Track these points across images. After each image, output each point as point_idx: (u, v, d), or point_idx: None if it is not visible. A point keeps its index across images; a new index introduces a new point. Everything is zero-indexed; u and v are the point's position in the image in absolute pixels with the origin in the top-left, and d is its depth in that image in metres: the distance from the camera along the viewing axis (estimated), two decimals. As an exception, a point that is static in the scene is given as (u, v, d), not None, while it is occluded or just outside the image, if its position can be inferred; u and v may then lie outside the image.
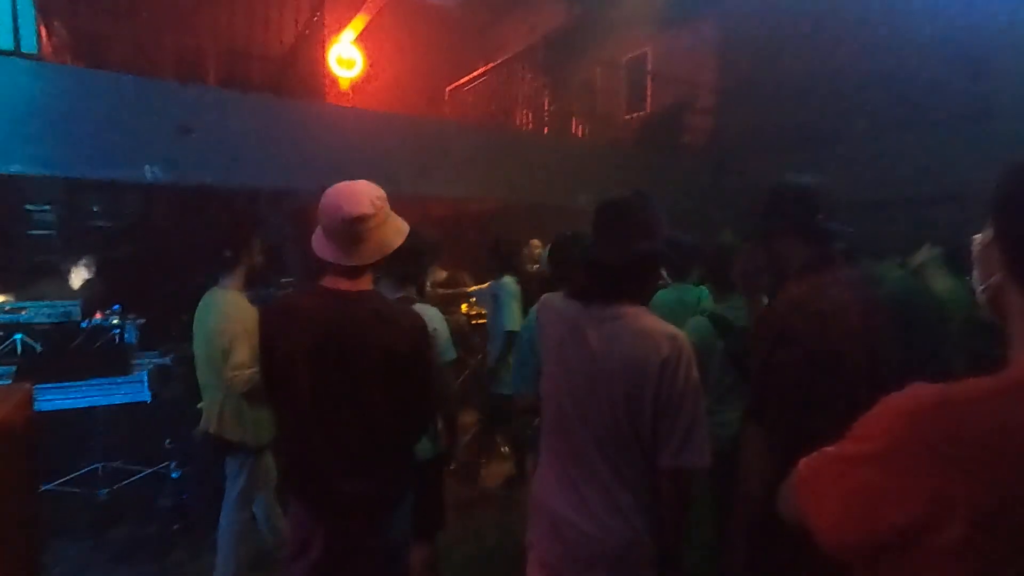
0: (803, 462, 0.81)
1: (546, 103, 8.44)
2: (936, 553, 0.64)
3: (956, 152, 5.28)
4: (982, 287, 0.76)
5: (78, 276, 4.92)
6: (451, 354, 2.34)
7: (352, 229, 1.54)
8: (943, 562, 0.64)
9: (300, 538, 1.67)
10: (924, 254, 3.15)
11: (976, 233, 0.77)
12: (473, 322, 5.13)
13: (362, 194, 1.56)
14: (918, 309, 2.69)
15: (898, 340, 1.60)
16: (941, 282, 3.03)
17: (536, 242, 5.92)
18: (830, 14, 6.67)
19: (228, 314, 2.45)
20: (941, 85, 5.64)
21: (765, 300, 1.98)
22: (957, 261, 3.05)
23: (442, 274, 5.50)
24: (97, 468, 3.71)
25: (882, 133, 6.09)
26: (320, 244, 1.60)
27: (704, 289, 3.03)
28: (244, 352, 2.37)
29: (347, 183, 1.59)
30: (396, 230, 1.64)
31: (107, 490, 3.63)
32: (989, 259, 0.74)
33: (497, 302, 3.77)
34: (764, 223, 1.65)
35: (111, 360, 3.67)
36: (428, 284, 3.80)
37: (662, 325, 1.40)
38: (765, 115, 7.23)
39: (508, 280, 3.81)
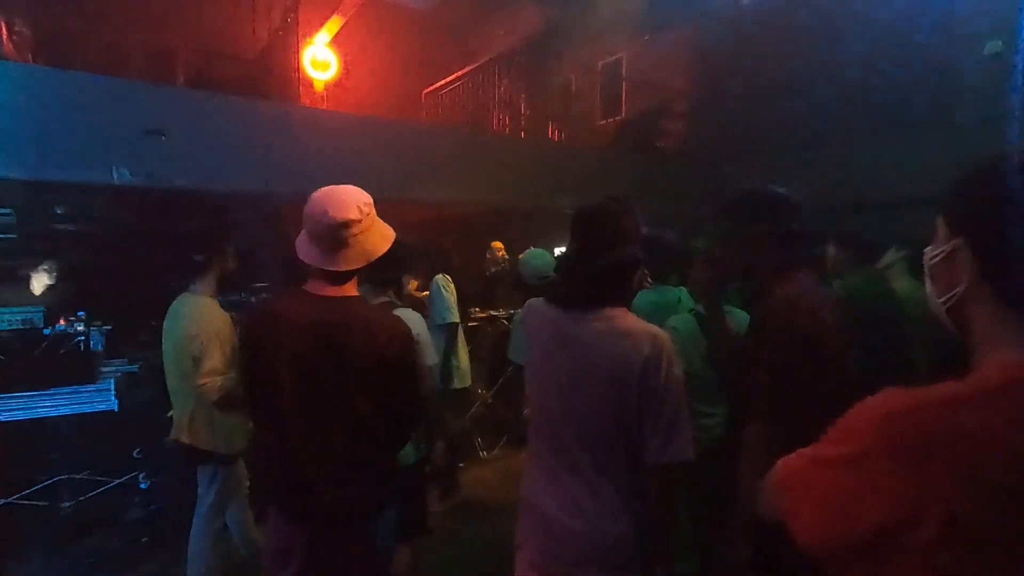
0: (781, 462, 0.82)
1: (523, 107, 8.47)
2: (909, 553, 0.65)
3: (929, 156, 5.44)
4: (944, 298, 0.76)
5: (41, 281, 4.74)
6: (433, 359, 2.33)
7: (337, 234, 1.52)
8: (915, 562, 0.65)
9: (280, 548, 1.64)
10: (890, 256, 3.23)
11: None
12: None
13: (349, 199, 1.54)
14: (878, 310, 2.77)
15: (862, 339, 1.66)
16: (907, 283, 3.11)
17: (498, 244, 5.93)
18: (804, 20, 6.83)
19: (199, 320, 2.40)
20: (912, 89, 5.82)
21: (728, 308, 2.03)
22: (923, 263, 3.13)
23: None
24: (62, 480, 3.58)
25: (856, 137, 6.25)
26: (304, 248, 1.57)
27: (683, 290, 3.07)
28: (216, 359, 2.32)
29: (334, 187, 1.57)
30: (382, 236, 1.62)
31: (72, 502, 3.51)
32: (952, 268, 0.75)
33: (435, 298, 3.88)
34: (741, 227, 1.67)
35: (76, 368, 3.56)
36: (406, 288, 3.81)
37: (643, 325, 1.43)
38: (739, 120, 7.37)
39: (440, 277, 3.95)
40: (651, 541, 1.41)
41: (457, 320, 3.84)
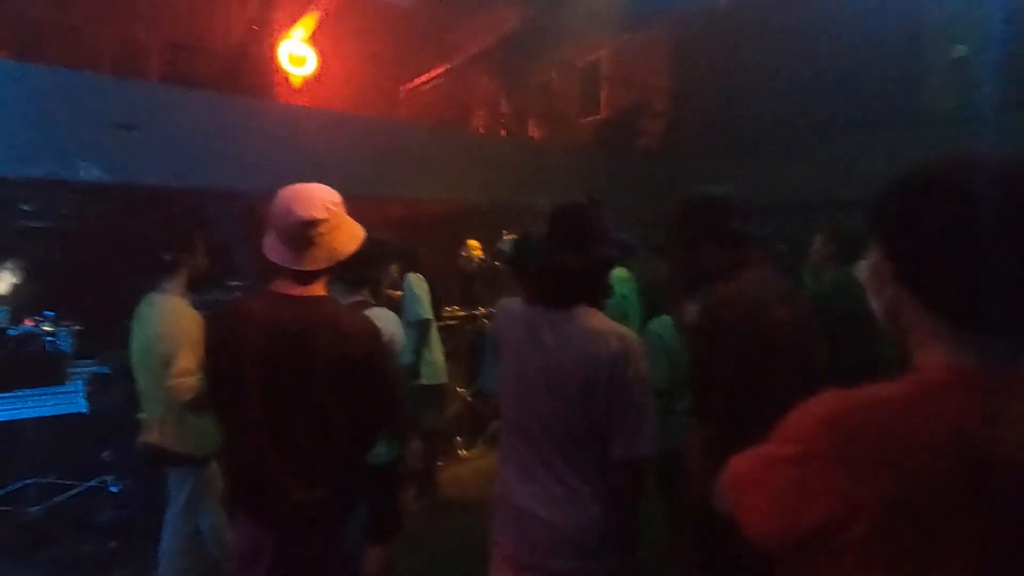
0: (733, 460, 0.86)
1: (502, 105, 8.47)
2: (848, 548, 0.69)
3: (907, 155, 5.55)
4: (877, 302, 0.80)
5: (6, 280, 4.62)
6: (407, 358, 2.32)
7: (303, 233, 1.50)
8: (853, 557, 0.69)
9: (248, 549, 1.62)
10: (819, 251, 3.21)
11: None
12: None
13: (315, 197, 1.52)
14: (846, 307, 2.81)
15: (829, 336, 1.68)
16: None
17: (473, 243, 5.94)
18: (783, 19, 6.93)
19: (169, 320, 2.35)
20: (890, 89, 5.95)
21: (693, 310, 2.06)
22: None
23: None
24: (29, 484, 3.50)
25: (833, 136, 6.37)
26: (271, 247, 1.55)
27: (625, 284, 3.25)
28: (187, 359, 2.28)
29: (301, 185, 1.55)
30: (350, 236, 1.61)
31: (40, 507, 3.43)
32: (879, 277, 0.78)
33: (408, 296, 3.92)
34: (681, 232, 1.71)
35: (43, 369, 3.48)
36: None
37: (612, 324, 1.49)
38: (718, 118, 7.46)
39: (412, 275, 3.98)
40: (619, 530, 1.48)
41: (430, 316, 3.87)
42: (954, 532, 0.65)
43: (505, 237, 5.29)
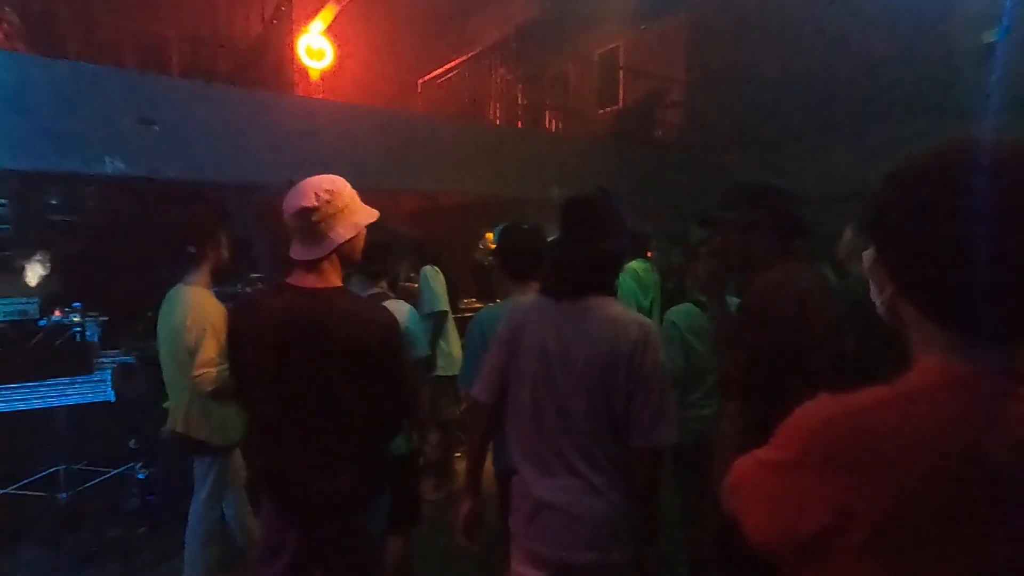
0: (736, 463, 0.85)
1: (519, 97, 8.43)
2: (842, 557, 0.68)
3: (924, 146, 5.43)
4: (879, 299, 0.78)
5: (35, 273, 4.73)
6: (423, 351, 2.34)
7: (299, 223, 1.54)
8: (850, 566, 0.67)
9: (273, 538, 1.65)
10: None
11: None
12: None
13: (308, 187, 1.55)
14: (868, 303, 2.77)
15: (858, 332, 1.66)
16: None
17: (491, 235, 5.94)
18: (801, 8, 6.79)
19: (194, 311, 2.40)
20: (908, 79, 5.81)
21: (730, 300, 2.05)
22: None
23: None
24: (58, 470, 3.60)
25: (859, 128, 6.24)
26: (289, 240, 1.60)
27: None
28: (211, 350, 2.32)
29: (308, 178, 1.59)
30: (347, 223, 1.61)
31: (69, 493, 3.52)
32: (878, 274, 0.77)
33: (424, 288, 3.96)
34: (738, 215, 1.71)
35: (72, 359, 3.56)
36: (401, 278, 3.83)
37: (630, 312, 1.52)
38: (737, 109, 7.35)
39: (428, 268, 4.02)
40: (638, 521, 1.48)
41: (445, 308, 3.90)
42: (953, 538, 0.64)
43: (488, 237, 5.36)
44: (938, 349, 0.70)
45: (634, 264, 3.64)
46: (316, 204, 1.53)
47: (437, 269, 4.02)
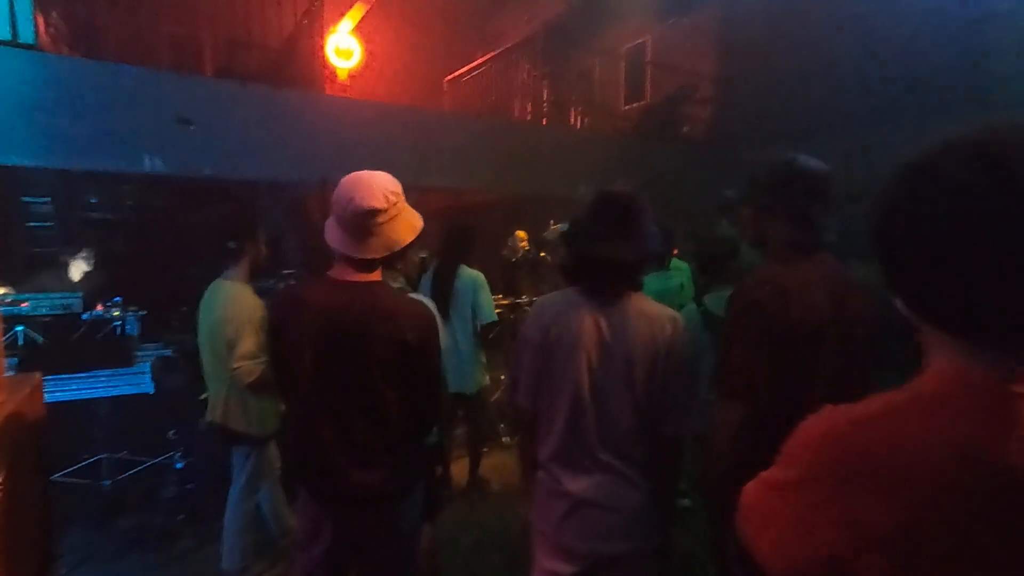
0: (745, 488, 0.81)
1: (545, 93, 8.41)
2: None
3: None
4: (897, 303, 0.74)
5: (78, 268, 4.90)
6: (445, 342, 2.36)
7: (362, 222, 1.52)
8: None
9: (310, 528, 1.68)
10: None
11: None
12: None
13: (376, 187, 1.53)
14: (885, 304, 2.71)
15: (883, 328, 1.58)
16: None
17: (521, 234, 5.93)
18: (830, 3, 6.65)
19: (234, 305, 2.46)
20: (939, 74, 5.65)
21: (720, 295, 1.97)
22: None
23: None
24: (101, 459, 3.73)
25: (889, 122, 6.09)
26: (331, 233, 1.58)
27: (685, 274, 3.20)
28: (250, 343, 2.39)
29: (364, 173, 1.57)
30: (409, 226, 1.62)
31: (112, 480, 3.65)
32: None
33: (481, 295, 3.64)
34: (760, 197, 1.57)
35: (113, 352, 3.68)
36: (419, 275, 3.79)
37: (662, 308, 1.54)
38: (765, 105, 7.23)
39: (478, 275, 3.68)
40: (664, 509, 1.54)
41: (496, 319, 3.65)
42: (978, 548, 0.59)
43: (552, 227, 5.29)
44: (952, 353, 0.65)
45: (675, 263, 3.61)
46: (385, 206, 1.52)
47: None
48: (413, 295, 2.29)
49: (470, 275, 3.63)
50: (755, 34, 7.60)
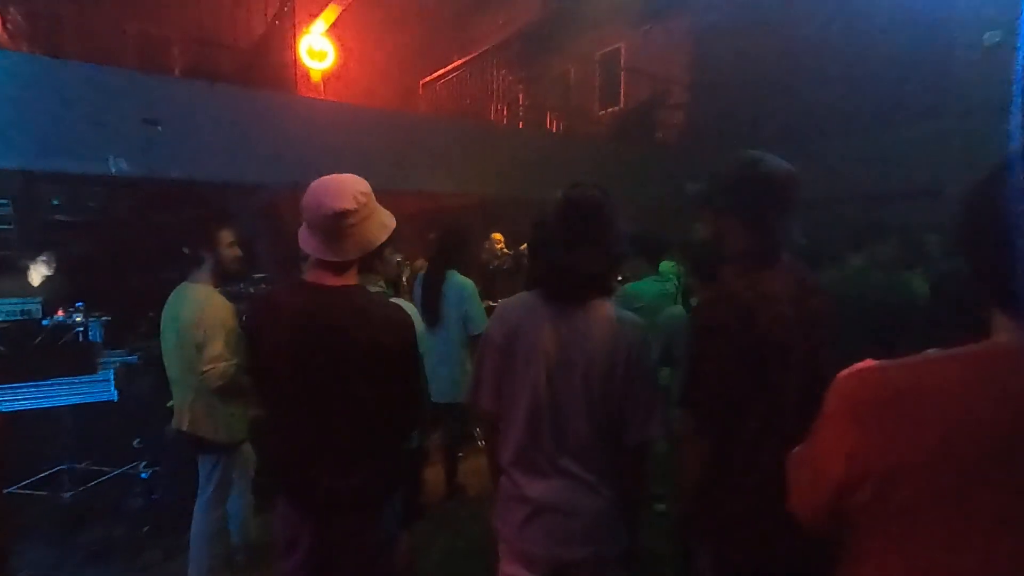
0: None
1: (521, 97, 8.44)
2: (860, 519, 0.69)
3: (928, 148, 5.44)
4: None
5: (38, 272, 4.74)
6: (424, 346, 2.33)
7: (333, 224, 1.51)
8: (867, 529, 0.68)
9: (288, 535, 1.66)
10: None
11: (943, 226, 0.81)
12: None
13: (344, 188, 1.53)
14: (877, 302, 2.77)
15: (854, 333, 1.57)
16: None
17: (498, 236, 5.91)
18: (803, 11, 6.80)
19: (202, 307, 2.42)
20: (909, 82, 5.82)
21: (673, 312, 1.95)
22: (909, 255, 3.17)
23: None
24: (62, 470, 3.60)
25: (858, 130, 6.25)
26: (304, 238, 1.58)
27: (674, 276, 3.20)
28: (219, 345, 2.35)
29: (332, 176, 1.56)
30: (381, 225, 1.62)
31: (73, 492, 3.53)
32: None
33: (472, 304, 3.59)
34: (720, 196, 1.50)
35: (75, 358, 3.56)
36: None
37: (625, 313, 1.52)
38: (738, 111, 7.36)
39: (469, 283, 3.61)
40: (630, 515, 1.53)
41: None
42: (969, 499, 0.63)
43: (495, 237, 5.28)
44: (1001, 331, 0.71)
45: (663, 266, 3.59)
46: (355, 207, 1.52)
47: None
48: (394, 299, 2.27)
49: (460, 282, 3.58)
50: (728, 42, 7.75)
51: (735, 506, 1.37)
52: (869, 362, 0.75)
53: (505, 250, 5.69)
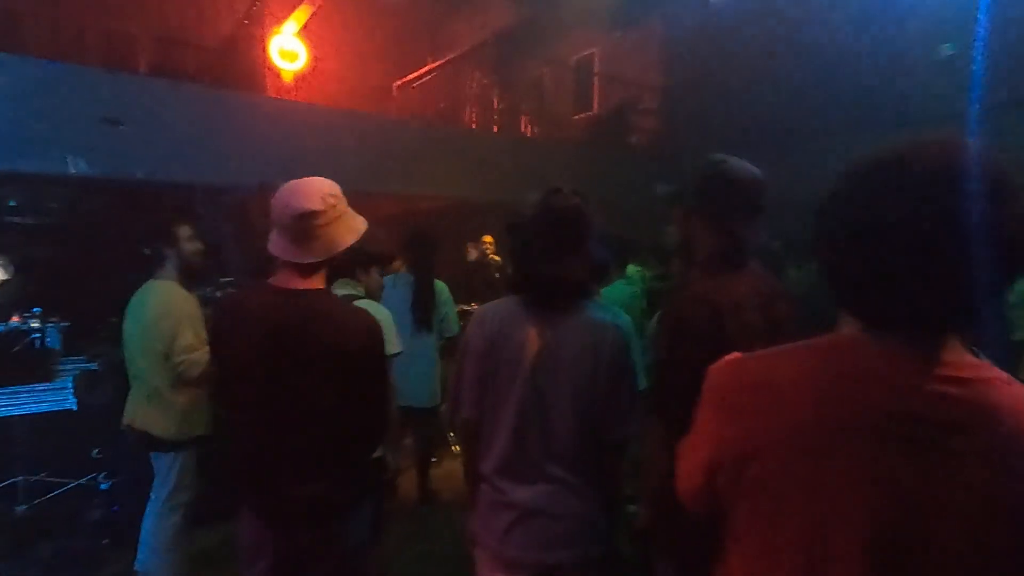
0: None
1: (495, 101, 8.45)
2: (722, 496, 0.75)
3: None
4: None
5: (-8, 276, 4.57)
6: (394, 348, 2.29)
7: (300, 225, 1.50)
8: (728, 504, 0.74)
9: (251, 545, 1.62)
10: None
11: None
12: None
13: (313, 190, 1.52)
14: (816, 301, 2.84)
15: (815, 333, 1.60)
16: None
17: (488, 239, 5.93)
18: (773, 18, 6.96)
19: (167, 302, 2.40)
20: (879, 89, 6.00)
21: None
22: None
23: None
24: (16, 482, 3.45)
25: (824, 135, 6.40)
26: (273, 240, 1.56)
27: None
28: (189, 335, 2.35)
29: (302, 179, 1.56)
30: (349, 228, 1.60)
31: (27, 505, 3.39)
32: None
33: (447, 308, 3.62)
34: (688, 197, 1.50)
35: (32, 366, 3.45)
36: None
37: (606, 315, 1.52)
38: (710, 116, 7.48)
39: (442, 285, 3.65)
40: (609, 513, 1.53)
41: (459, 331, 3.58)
42: (814, 483, 0.67)
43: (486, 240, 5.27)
44: (847, 327, 0.76)
45: (629, 270, 3.63)
46: (323, 208, 1.51)
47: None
48: (363, 301, 2.24)
49: (439, 286, 3.61)
50: (699, 48, 7.88)
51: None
52: (736, 355, 0.81)
53: (495, 256, 5.69)
